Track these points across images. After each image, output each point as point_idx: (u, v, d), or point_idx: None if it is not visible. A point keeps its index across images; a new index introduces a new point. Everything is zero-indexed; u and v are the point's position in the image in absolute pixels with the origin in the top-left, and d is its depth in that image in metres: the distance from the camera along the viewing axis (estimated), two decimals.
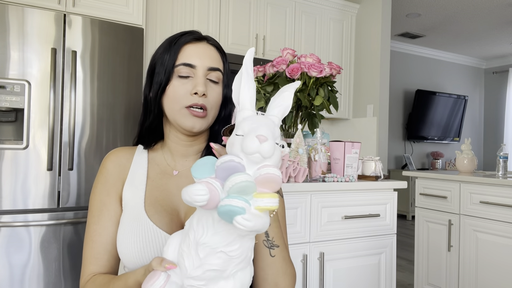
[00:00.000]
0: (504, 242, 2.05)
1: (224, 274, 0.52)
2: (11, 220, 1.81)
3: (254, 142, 0.49)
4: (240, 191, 0.47)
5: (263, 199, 0.48)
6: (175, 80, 0.75)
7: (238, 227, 0.46)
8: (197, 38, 0.78)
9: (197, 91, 0.73)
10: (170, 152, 0.81)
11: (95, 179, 0.81)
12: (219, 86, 0.78)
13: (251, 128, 0.51)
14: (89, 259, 0.76)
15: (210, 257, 0.51)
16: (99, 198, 0.78)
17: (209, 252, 0.51)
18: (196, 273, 0.51)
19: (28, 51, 1.89)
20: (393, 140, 5.95)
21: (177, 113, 0.75)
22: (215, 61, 0.77)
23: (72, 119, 1.96)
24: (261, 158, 0.49)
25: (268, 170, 0.49)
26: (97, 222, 0.77)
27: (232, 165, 0.49)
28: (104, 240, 0.76)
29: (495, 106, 6.87)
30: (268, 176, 0.49)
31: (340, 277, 1.52)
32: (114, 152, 0.82)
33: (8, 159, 1.84)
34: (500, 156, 2.31)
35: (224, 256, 0.51)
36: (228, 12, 3.09)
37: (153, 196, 0.77)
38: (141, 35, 2.20)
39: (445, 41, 5.81)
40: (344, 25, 3.72)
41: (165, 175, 0.80)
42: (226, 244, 0.51)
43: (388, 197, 1.62)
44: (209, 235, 0.51)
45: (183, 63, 0.75)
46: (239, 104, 0.57)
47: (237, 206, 0.46)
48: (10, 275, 1.80)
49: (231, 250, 0.51)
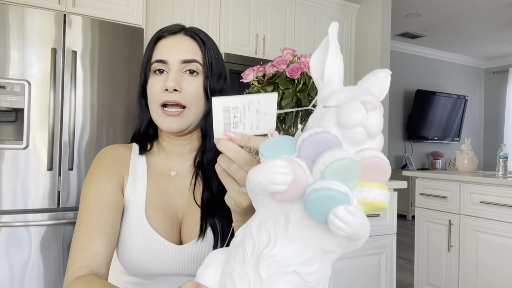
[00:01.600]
0: (504, 242, 2.05)
1: None
2: (11, 220, 1.81)
3: (359, 110, 0.33)
4: (339, 173, 0.32)
5: (372, 189, 0.33)
6: (151, 78, 0.73)
7: (337, 224, 0.31)
8: (172, 31, 0.74)
9: (166, 87, 0.69)
10: (165, 152, 0.79)
11: (90, 170, 0.74)
12: (198, 77, 0.72)
13: (352, 96, 0.35)
14: (81, 245, 0.65)
15: (276, 279, 0.35)
16: (97, 185, 0.71)
17: (277, 271, 0.35)
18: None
19: (28, 51, 1.89)
20: (393, 140, 5.95)
21: (155, 114, 0.72)
22: (189, 52, 0.72)
23: (72, 119, 1.96)
24: (365, 135, 0.34)
25: (375, 153, 0.34)
26: (94, 207, 0.68)
27: (326, 139, 0.33)
28: (102, 224, 0.67)
29: (495, 106, 6.86)
30: (375, 161, 0.34)
31: (340, 277, 1.52)
32: (111, 147, 0.79)
33: (8, 159, 1.84)
34: (500, 156, 2.31)
35: (297, 280, 0.35)
36: (228, 12, 3.09)
37: (154, 198, 0.74)
38: (141, 35, 2.20)
39: (445, 41, 5.81)
40: (344, 25, 3.72)
41: (164, 175, 0.77)
42: (303, 261, 0.35)
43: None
44: (279, 243, 0.35)
45: (155, 59, 0.72)
46: (324, 79, 0.41)
47: (339, 191, 0.31)
48: (10, 275, 1.80)
49: (308, 273, 0.35)
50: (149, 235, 0.70)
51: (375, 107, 0.33)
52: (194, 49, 0.73)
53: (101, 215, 0.68)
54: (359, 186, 0.33)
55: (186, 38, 0.74)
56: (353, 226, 0.30)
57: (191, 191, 0.75)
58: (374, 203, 0.33)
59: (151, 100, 0.72)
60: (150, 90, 0.73)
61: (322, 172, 0.32)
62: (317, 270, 0.35)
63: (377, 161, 0.34)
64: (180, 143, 0.77)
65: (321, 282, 0.36)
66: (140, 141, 0.79)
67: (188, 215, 0.74)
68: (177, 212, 0.75)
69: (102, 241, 0.66)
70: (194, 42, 0.74)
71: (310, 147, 0.34)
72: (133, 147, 0.80)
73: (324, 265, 0.36)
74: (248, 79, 1.52)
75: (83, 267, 0.63)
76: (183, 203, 0.75)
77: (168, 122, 0.70)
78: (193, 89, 0.71)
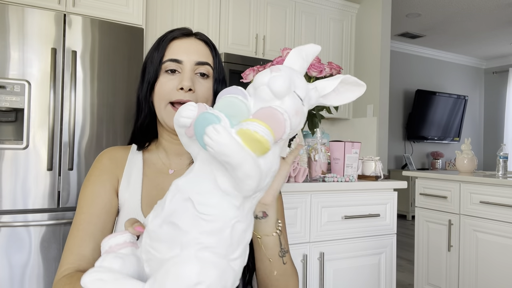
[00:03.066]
0: (504, 242, 2.05)
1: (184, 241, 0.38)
2: (11, 220, 1.81)
3: (265, 73, 0.42)
4: (226, 107, 0.39)
5: (249, 123, 0.37)
6: (162, 77, 0.74)
7: (206, 141, 0.36)
8: (185, 33, 0.77)
9: (182, 86, 0.71)
10: (164, 151, 0.80)
11: (88, 174, 0.78)
12: (209, 81, 0.76)
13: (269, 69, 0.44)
14: (71, 249, 0.69)
15: (176, 203, 0.40)
16: (91, 189, 0.74)
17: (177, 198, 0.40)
18: (154, 224, 0.40)
19: (28, 51, 1.89)
20: (393, 140, 5.94)
21: (163, 111, 0.73)
22: (203, 55, 0.76)
23: (72, 119, 1.96)
24: (269, 94, 0.40)
25: (272, 105, 0.40)
26: (86, 211, 0.72)
27: (230, 90, 0.41)
28: (92, 228, 0.70)
29: (495, 106, 6.86)
30: (268, 111, 0.39)
31: (340, 277, 1.52)
32: (109, 150, 0.81)
33: (8, 159, 1.84)
34: (500, 156, 2.31)
35: (191, 208, 0.39)
36: (228, 12, 3.09)
37: (150, 195, 0.75)
38: (141, 35, 2.20)
39: (445, 41, 5.81)
40: (344, 25, 3.72)
41: (161, 174, 0.78)
42: (198, 191, 0.40)
43: (388, 197, 1.62)
44: (185, 175, 0.42)
45: (169, 58, 0.74)
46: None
47: (212, 114, 0.37)
48: (10, 275, 1.80)
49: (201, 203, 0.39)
50: None
51: (279, 70, 0.41)
52: (207, 53, 0.77)
53: (92, 219, 0.71)
54: (244, 121, 0.37)
55: (199, 42, 0.77)
56: (217, 142, 0.34)
57: None
58: (254, 136, 0.36)
59: (160, 98, 0.74)
60: (160, 89, 0.74)
61: (215, 109, 0.39)
62: (214, 205, 0.38)
63: (270, 111, 0.38)
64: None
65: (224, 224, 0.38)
66: (138, 137, 0.80)
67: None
68: None
69: (90, 245, 0.69)
70: (206, 46, 0.78)
71: (221, 95, 0.41)
72: (132, 147, 0.82)
73: (224, 206, 0.39)
74: (248, 79, 1.52)
75: (70, 268, 0.67)
76: None
77: None
78: (204, 90, 0.75)
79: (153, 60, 0.75)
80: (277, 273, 0.67)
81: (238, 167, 0.36)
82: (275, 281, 0.68)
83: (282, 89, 0.40)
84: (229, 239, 0.39)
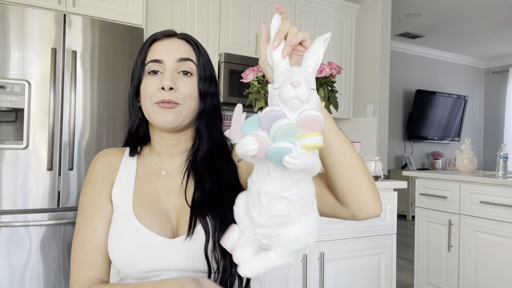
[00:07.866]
0: (504, 242, 2.05)
1: (289, 218, 0.55)
2: (11, 220, 1.81)
3: (289, 89, 0.52)
4: (284, 134, 0.50)
5: (307, 138, 0.50)
6: (145, 78, 0.75)
7: (288, 166, 0.48)
8: (167, 35, 0.77)
9: (163, 85, 0.71)
10: (157, 153, 0.81)
11: (84, 181, 0.80)
12: (192, 79, 0.75)
13: (285, 78, 0.54)
14: (83, 263, 0.72)
15: (272, 204, 0.54)
16: (90, 200, 0.76)
17: (270, 200, 0.54)
18: (263, 220, 0.55)
19: (28, 51, 1.89)
20: (393, 140, 5.95)
21: (150, 111, 0.74)
22: (184, 52, 0.75)
23: (72, 119, 1.96)
24: (298, 103, 0.52)
25: (308, 112, 0.51)
26: (89, 224, 0.74)
27: (274, 114, 0.51)
28: (97, 242, 0.73)
29: (495, 106, 6.87)
30: (309, 117, 0.51)
31: (340, 277, 1.52)
32: (103, 153, 0.82)
33: (8, 159, 1.84)
34: (500, 156, 2.32)
35: (285, 201, 0.54)
36: (228, 12, 3.09)
37: (141, 197, 0.76)
38: (141, 35, 2.20)
39: (445, 41, 5.81)
40: (344, 25, 3.72)
41: (153, 175, 0.79)
42: (285, 189, 0.53)
43: (388, 197, 1.62)
44: (268, 183, 0.54)
45: (151, 59, 0.74)
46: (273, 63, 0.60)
47: (282, 147, 0.49)
48: (10, 275, 1.80)
49: (290, 195, 0.53)
50: (139, 230, 0.71)
51: (299, 84, 0.52)
52: (188, 50, 0.77)
53: (96, 232, 0.74)
54: (300, 138, 0.51)
55: (180, 41, 0.77)
56: (297, 164, 0.48)
57: (182, 190, 0.76)
58: (311, 146, 0.50)
59: (145, 99, 0.74)
60: (145, 90, 0.74)
61: (273, 137, 0.50)
62: (297, 191, 0.54)
63: (311, 117, 0.51)
64: (172, 143, 0.78)
65: (303, 197, 0.55)
66: (131, 142, 0.81)
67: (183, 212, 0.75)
68: (167, 209, 0.76)
69: (100, 257, 0.73)
70: (188, 44, 0.77)
71: (266, 122, 0.51)
72: (126, 150, 0.83)
73: (302, 187, 0.54)
74: (248, 79, 1.52)
75: (88, 282, 0.72)
76: (175, 201, 0.76)
77: (163, 115, 0.72)
78: (187, 88, 0.74)
79: (137, 64, 0.76)
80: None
81: (311, 169, 0.51)
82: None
83: (307, 96, 0.53)
84: (312, 200, 0.57)
